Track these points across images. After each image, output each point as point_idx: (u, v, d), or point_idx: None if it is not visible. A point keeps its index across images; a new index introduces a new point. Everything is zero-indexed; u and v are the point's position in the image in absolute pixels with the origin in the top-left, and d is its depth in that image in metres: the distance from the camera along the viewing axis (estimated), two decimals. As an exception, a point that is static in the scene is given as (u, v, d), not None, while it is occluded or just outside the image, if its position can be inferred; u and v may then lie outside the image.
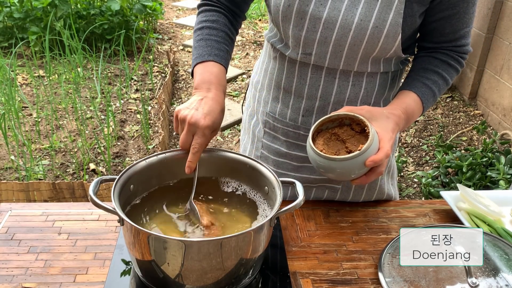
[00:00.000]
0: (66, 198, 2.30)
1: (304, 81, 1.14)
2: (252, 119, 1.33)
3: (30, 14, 4.52)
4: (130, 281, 0.97)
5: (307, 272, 1.01)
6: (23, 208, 1.18)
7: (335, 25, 1.03)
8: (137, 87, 4.10)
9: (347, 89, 1.12)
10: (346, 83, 1.12)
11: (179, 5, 6.86)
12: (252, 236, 0.88)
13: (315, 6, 1.02)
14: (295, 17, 1.05)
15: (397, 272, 0.98)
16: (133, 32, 4.61)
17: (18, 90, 3.81)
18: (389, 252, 1.04)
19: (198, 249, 0.84)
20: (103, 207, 0.89)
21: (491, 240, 1.04)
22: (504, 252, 1.00)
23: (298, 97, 1.16)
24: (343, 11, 1.01)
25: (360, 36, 1.02)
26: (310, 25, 1.04)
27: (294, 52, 1.11)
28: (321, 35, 1.05)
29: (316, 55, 1.09)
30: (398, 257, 1.01)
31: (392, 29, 1.01)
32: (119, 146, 3.25)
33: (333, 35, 1.04)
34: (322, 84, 1.12)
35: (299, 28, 1.06)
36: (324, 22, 1.03)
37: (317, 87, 1.13)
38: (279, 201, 0.92)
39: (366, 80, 1.12)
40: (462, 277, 0.94)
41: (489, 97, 3.78)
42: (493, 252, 1.01)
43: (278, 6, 1.06)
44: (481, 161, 2.79)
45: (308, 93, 1.14)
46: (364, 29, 1.01)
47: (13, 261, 1.01)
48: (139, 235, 0.86)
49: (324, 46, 1.06)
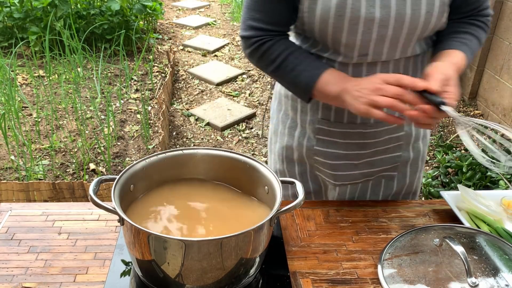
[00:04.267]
0: (66, 198, 2.30)
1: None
2: (294, 130, 1.29)
3: (30, 14, 4.52)
4: (130, 281, 0.97)
5: (307, 272, 1.01)
6: (23, 208, 1.18)
7: (389, 21, 1.03)
8: (137, 87, 4.10)
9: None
10: (398, 72, 1.13)
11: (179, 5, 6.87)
12: (252, 236, 0.88)
13: (366, 9, 1.01)
14: (348, 24, 1.03)
15: (397, 272, 0.98)
16: (133, 32, 4.61)
17: (18, 90, 3.81)
18: (389, 252, 1.04)
19: (198, 249, 0.85)
20: (103, 207, 0.89)
21: (491, 240, 1.04)
22: (504, 252, 1.00)
23: None
24: (394, 7, 1.02)
25: (414, 25, 1.04)
26: (364, 28, 1.03)
27: (347, 57, 1.10)
28: (377, 34, 1.05)
29: (373, 54, 1.08)
30: (398, 256, 1.01)
31: (441, 9, 1.04)
32: (119, 146, 3.25)
33: (389, 32, 1.04)
34: None
35: (353, 34, 1.04)
36: (378, 22, 1.03)
37: None
38: (279, 201, 0.92)
39: (412, 64, 1.15)
40: (462, 277, 0.94)
41: (489, 97, 3.78)
42: (493, 252, 1.01)
43: (326, 19, 1.03)
44: (481, 161, 2.79)
45: None
46: (417, 17, 1.03)
47: (13, 261, 1.01)
48: (139, 235, 0.86)
49: (380, 43, 1.07)
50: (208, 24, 5.96)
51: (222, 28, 5.80)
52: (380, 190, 1.32)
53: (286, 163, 1.36)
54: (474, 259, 0.98)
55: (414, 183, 1.35)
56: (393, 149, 1.25)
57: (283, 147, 1.34)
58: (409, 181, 1.33)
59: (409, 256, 1.01)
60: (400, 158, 1.27)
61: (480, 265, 0.97)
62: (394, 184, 1.32)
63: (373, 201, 1.27)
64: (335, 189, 1.31)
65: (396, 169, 1.29)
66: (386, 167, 1.28)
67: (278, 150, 1.36)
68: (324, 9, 1.02)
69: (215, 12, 6.52)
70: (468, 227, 1.10)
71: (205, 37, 5.48)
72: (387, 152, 1.25)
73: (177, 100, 4.04)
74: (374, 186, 1.32)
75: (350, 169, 1.26)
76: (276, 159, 1.39)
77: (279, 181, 0.98)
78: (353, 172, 1.27)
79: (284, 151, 1.34)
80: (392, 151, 1.26)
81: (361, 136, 1.21)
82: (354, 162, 1.25)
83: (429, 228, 1.09)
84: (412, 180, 1.33)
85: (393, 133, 1.23)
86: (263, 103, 3.95)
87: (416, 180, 1.35)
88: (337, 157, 1.24)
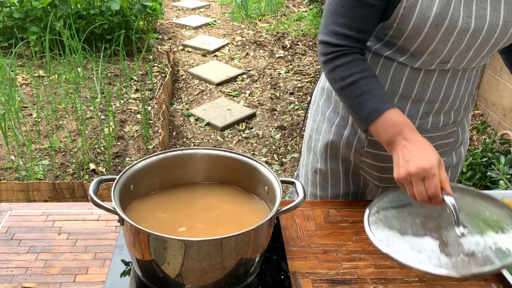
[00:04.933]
0: (66, 198, 2.30)
1: (427, 86, 1.12)
2: (343, 129, 1.26)
3: (30, 14, 4.52)
4: (130, 281, 0.97)
5: (307, 272, 1.01)
6: (23, 208, 1.18)
7: (482, 32, 1.02)
8: (137, 87, 4.10)
9: (462, 86, 1.15)
10: (463, 80, 1.14)
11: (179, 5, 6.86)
12: (252, 236, 0.88)
13: (463, 19, 1.00)
14: (442, 34, 1.01)
15: (384, 223, 0.97)
16: (133, 32, 4.61)
17: (18, 90, 3.81)
18: (376, 205, 1.03)
19: (198, 249, 0.85)
20: (103, 207, 0.89)
21: (482, 197, 1.05)
22: (488, 210, 1.02)
23: (417, 102, 1.14)
24: (488, 18, 1.01)
25: (502, 36, 1.04)
26: (456, 38, 1.02)
27: (426, 63, 1.08)
28: (465, 44, 1.04)
29: (453, 62, 1.08)
30: (385, 209, 1.01)
31: None
32: (119, 146, 3.25)
33: (477, 42, 1.04)
34: (445, 86, 1.13)
35: (444, 43, 1.03)
36: (471, 32, 1.02)
37: (440, 89, 1.13)
38: (279, 201, 0.92)
39: (474, 74, 1.16)
40: (450, 227, 0.94)
41: (489, 97, 3.78)
42: (478, 209, 1.02)
43: (421, 28, 1.01)
44: (481, 161, 2.79)
45: (430, 96, 1.14)
46: (507, 29, 1.03)
47: (13, 261, 1.01)
48: (139, 235, 0.86)
49: (465, 53, 1.06)
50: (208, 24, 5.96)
51: (222, 28, 5.80)
52: None
53: (331, 161, 1.32)
54: (463, 213, 0.98)
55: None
56: (440, 154, 1.23)
57: (327, 144, 1.30)
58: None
59: (397, 210, 1.01)
60: (445, 164, 1.27)
61: (467, 219, 0.97)
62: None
63: (373, 201, 1.27)
64: (377, 190, 1.31)
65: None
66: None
67: (321, 148, 1.33)
68: (421, 18, 1.00)
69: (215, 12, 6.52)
70: (460, 186, 1.11)
71: (205, 37, 5.48)
72: None
73: (177, 100, 4.04)
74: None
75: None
76: (318, 158, 1.35)
77: (279, 181, 0.98)
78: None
79: (329, 148, 1.30)
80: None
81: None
82: None
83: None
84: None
85: (444, 138, 1.23)
86: (263, 103, 3.95)
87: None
88: (386, 159, 1.22)
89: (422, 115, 1.16)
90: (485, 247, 0.91)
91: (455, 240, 0.92)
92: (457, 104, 1.18)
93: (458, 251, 0.90)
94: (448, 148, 1.26)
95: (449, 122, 1.20)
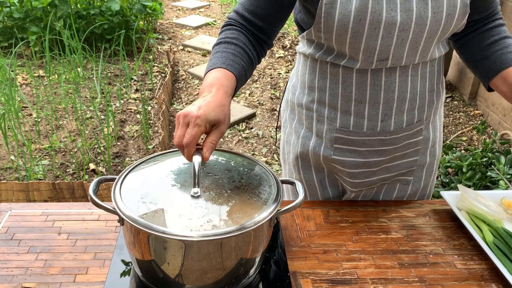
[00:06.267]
0: (66, 198, 2.30)
1: (379, 87, 1.11)
2: (309, 140, 1.27)
3: (30, 14, 4.52)
4: (130, 281, 0.97)
5: (307, 272, 1.01)
6: (23, 208, 1.18)
7: (411, 25, 1.01)
8: (137, 87, 4.10)
9: (418, 83, 1.14)
10: (416, 77, 1.13)
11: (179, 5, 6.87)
12: (252, 236, 0.88)
13: (388, 12, 1.00)
14: (368, 29, 1.01)
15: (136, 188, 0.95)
16: (133, 32, 4.61)
17: (18, 90, 3.81)
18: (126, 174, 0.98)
19: (198, 249, 0.85)
20: (103, 207, 0.89)
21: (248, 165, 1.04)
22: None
23: (373, 104, 1.14)
24: (415, 10, 1.00)
25: (435, 28, 1.03)
26: (385, 32, 1.02)
27: (365, 63, 1.08)
28: (397, 38, 1.03)
29: (393, 59, 1.07)
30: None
31: (462, 10, 1.03)
32: (119, 146, 3.25)
33: (409, 35, 1.03)
34: (398, 85, 1.12)
35: (374, 39, 1.03)
36: (399, 25, 1.01)
37: (393, 89, 1.12)
38: (279, 201, 0.92)
39: (429, 69, 1.14)
40: (188, 187, 0.95)
41: (489, 97, 3.78)
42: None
43: (346, 24, 1.01)
44: (481, 161, 2.79)
45: (385, 97, 1.13)
46: (438, 20, 1.02)
47: (13, 261, 1.01)
48: (139, 235, 0.86)
49: (401, 47, 1.05)
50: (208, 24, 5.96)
51: (222, 28, 5.81)
52: (394, 193, 1.32)
53: (303, 172, 1.33)
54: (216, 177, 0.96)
55: (428, 186, 1.35)
56: (411, 154, 1.25)
57: (297, 156, 1.31)
58: (424, 184, 1.32)
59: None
60: (416, 162, 1.27)
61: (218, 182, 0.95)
62: (409, 187, 1.31)
63: (373, 201, 1.27)
64: (351, 194, 1.31)
65: (412, 173, 1.29)
66: (403, 171, 1.28)
67: (292, 161, 1.34)
68: (343, 13, 1.00)
69: (215, 12, 6.52)
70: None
71: (205, 37, 5.48)
72: (405, 157, 1.25)
73: (177, 100, 4.04)
74: (388, 189, 1.32)
75: (368, 176, 1.25)
76: (292, 170, 1.36)
77: (279, 181, 0.98)
78: (371, 178, 1.26)
79: (299, 160, 1.32)
80: (409, 156, 1.25)
81: (381, 143, 1.19)
82: (373, 169, 1.24)
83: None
84: (426, 183, 1.33)
85: (411, 138, 1.22)
86: (263, 103, 3.95)
87: (430, 183, 1.36)
88: (355, 165, 1.23)
89: (383, 117, 1.15)
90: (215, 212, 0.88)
91: (188, 201, 0.89)
92: (418, 102, 1.16)
93: (188, 212, 0.87)
94: (420, 147, 1.25)
95: (414, 121, 1.19)
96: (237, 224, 0.85)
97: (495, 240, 1.07)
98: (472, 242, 1.11)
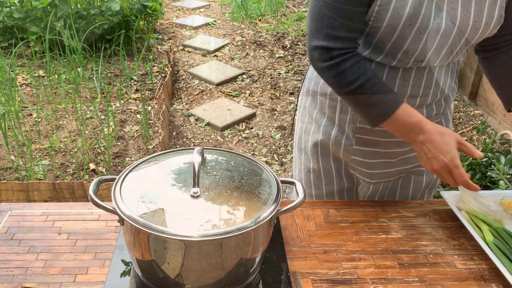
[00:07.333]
0: (66, 198, 2.30)
1: (407, 82, 1.15)
2: (331, 129, 1.28)
3: (30, 14, 4.52)
4: (130, 281, 0.97)
5: (307, 272, 1.01)
6: (23, 208, 1.18)
7: (452, 32, 1.06)
8: (137, 87, 4.10)
9: (441, 81, 1.18)
10: (440, 75, 1.18)
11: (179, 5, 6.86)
12: (252, 236, 0.88)
13: (435, 20, 1.03)
14: (414, 34, 1.05)
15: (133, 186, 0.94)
16: (133, 32, 4.61)
17: (18, 90, 3.81)
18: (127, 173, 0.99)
19: (198, 249, 0.85)
20: (103, 207, 0.89)
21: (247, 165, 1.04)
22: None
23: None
24: (459, 18, 1.05)
25: (472, 36, 1.08)
26: (428, 37, 1.06)
27: (401, 63, 1.12)
28: (437, 43, 1.08)
29: (428, 61, 1.11)
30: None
31: (497, 21, 1.08)
32: (119, 146, 3.25)
33: (449, 41, 1.08)
34: (424, 82, 1.16)
35: (417, 42, 1.07)
36: (442, 32, 1.05)
37: (419, 85, 1.16)
38: (279, 201, 0.92)
39: (451, 68, 1.20)
40: (188, 187, 0.93)
41: (489, 97, 3.78)
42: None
43: (395, 27, 1.04)
44: (481, 161, 2.79)
45: (411, 92, 1.17)
46: (477, 28, 1.07)
47: (13, 261, 1.01)
48: (139, 235, 0.86)
49: (439, 51, 1.10)
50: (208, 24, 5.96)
51: (222, 28, 5.80)
52: (410, 186, 1.35)
53: (322, 160, 1.35)
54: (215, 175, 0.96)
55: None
56: None
57: (317, 144, 1.32)
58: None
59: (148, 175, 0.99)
60: None
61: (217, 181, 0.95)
62: (424, 179, 1.35)
63: (373, 201, 1.27)
64: (368, 187, 1.33)
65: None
66: (418, 163, 1.30)
67: (311, 148, 1.35)
68: (395, 17, 1.02)
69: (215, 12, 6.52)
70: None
71: (205, 37, 5.48)
72: None
73: (177, 100, 4.04)
74: (404, 182, 1.35)
75: (387, 167, 1.29)
76: (309, 158, 1.37)
77: (279, 181, 0.98)
78: (389, 170, 1.30)
79: (319, 148, 1.33)
80: None
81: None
82: (392, 160, 1.28)
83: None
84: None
85: None
86: (263, 103, 3.95)
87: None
88: (375, 156, 1.26)
89: None
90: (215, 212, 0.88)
91: (186, 200, 0.89)
92: (438, 97, 1.22)
93: (185, 211, 0.87)
94: None
95: (432, 114, 1.24)
96: (237, 224, 0.85)
97: (495, 240, 1.07)
98: (472, 242, 1.11)
